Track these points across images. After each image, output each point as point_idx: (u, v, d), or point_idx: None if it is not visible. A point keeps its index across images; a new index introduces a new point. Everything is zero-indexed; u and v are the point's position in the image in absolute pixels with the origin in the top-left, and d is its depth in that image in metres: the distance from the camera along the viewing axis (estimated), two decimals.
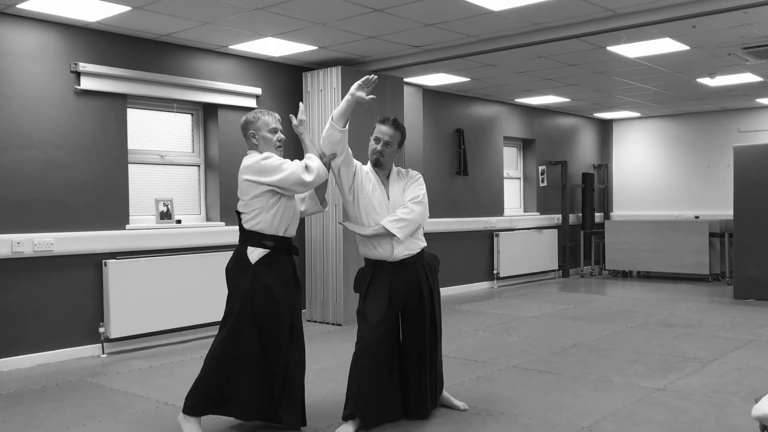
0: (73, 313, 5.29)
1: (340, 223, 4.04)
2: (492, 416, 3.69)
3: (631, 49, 6.44)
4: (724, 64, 7.14)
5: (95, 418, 3.77)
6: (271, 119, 3.58)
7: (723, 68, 7.39)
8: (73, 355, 5.29)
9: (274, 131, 3.59)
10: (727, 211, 9.63)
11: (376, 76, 3.66)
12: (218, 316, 3.55)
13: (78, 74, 5.32)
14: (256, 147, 3.53)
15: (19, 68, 5.04)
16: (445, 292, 8.58)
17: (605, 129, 11.77)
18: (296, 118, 3.67)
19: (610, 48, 6.37)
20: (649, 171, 11.41)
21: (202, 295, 5.90)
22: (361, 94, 3.55)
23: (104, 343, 5.40)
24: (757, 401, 2.50)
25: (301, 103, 3.85)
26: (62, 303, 5.24)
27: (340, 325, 6.49)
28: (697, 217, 10.21)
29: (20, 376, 4.77)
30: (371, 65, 6.81)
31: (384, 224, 3.53)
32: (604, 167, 11.65)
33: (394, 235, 3.51)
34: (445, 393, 3.86)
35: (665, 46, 6.29)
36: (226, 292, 3.45)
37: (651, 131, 11.41)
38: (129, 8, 4.91)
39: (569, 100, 9.49)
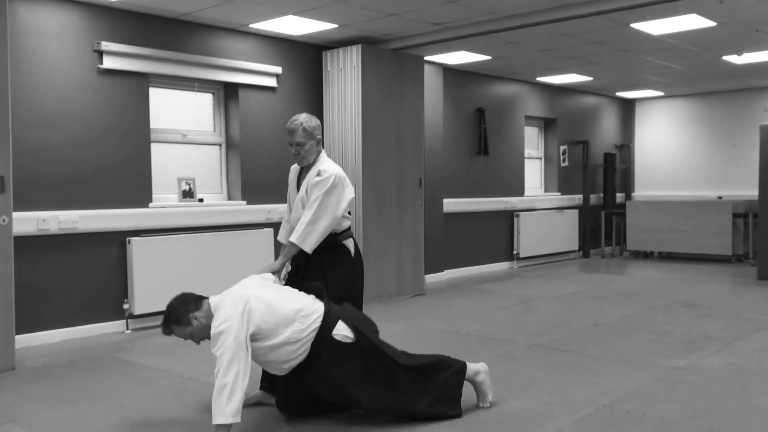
0: (97, 290, 5.38)
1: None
2: (512, 393, 3.71)
3: (655, 26, 6.34)
4: (751, 40, 7.02)
5: (120, 392, 3.84)
6: (287, 130, 3.71)
7: (750, 45, 7.26)
8: (98, 330, 5.38)
9: (289, 144, 3.70)
10: (751, 192, 9.52)
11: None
12: None
13: (101, 53, 5.35)
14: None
15: (43, 47, 5.08)
16: (465, 272, 8.60)
17: (628, 108, 11.63)
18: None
19: (634, 25, 6.28)
20: (672, 151, 11.28)
21: (224, 273, 5.95)
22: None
23: (128, 319, 5.48)
24: None
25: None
26: (87, 280, 5.32)
27: None
28: (720, 198, 10.10)
29: (47, 350, 4.86)
30: (392, 43, 6.78)
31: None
32: (626, 147, 11.53)
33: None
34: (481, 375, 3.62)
35: (691, 22, 6.18)
36: (248, 269, 3.46)
37: (674, 110, 11.26)
38: None
39: (592, 78, 9.38)
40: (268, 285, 3.32)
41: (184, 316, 3.12)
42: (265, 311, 3.06)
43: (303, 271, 3.64)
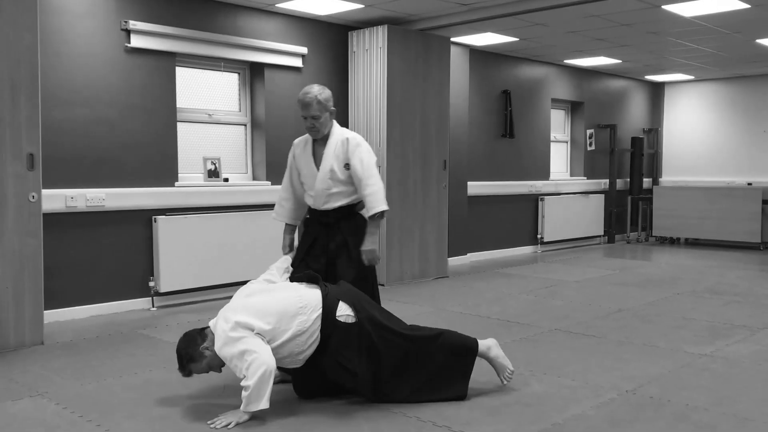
0: (124, 268, 5.44)
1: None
2: (535, 377, 3.70)
3: (687, 8, 6.21)
4: None
5: (146, 368, 3.90)
6: (301, 104, 3.68)
7: None
8: (125, 307, 5.45)
9: (303, 118, 3.69)
10: None
11: None
12: (262, 272, 3.60)
13: (128, 32, 5.38)
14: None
15: (71, 26, 5.11)
16: (488, 255, 8.58)
17: (656, 92, 11.45)
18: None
19: (666, 6, 6.16)
20: (701, 136, 11.10)
21: (248, 252, 5.99)
22: None
23: (154, 297, 5.55)
24: None
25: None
26: (114, 257, 5.39)
27: (382, 285, 6.54)
28: (750, 184, 9.93)
29: (75, 326, 4.95)
30: (418, 24, 6.73)
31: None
32: (654, 131, 11.37)
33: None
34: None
35: (724, 3, 6.05)
36: (271, 248, 3.49)
37: (704, 95, 11.06)
38: None
39: (620, 61, 9.24)
40: (261, 288, 3.34)
41: (195, 352, 3.18)
42: (263, 314, 3.10)
43: (324, 240, 3.71)
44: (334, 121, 3.78)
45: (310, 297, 3.22)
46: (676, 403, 3.30)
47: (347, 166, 3.65)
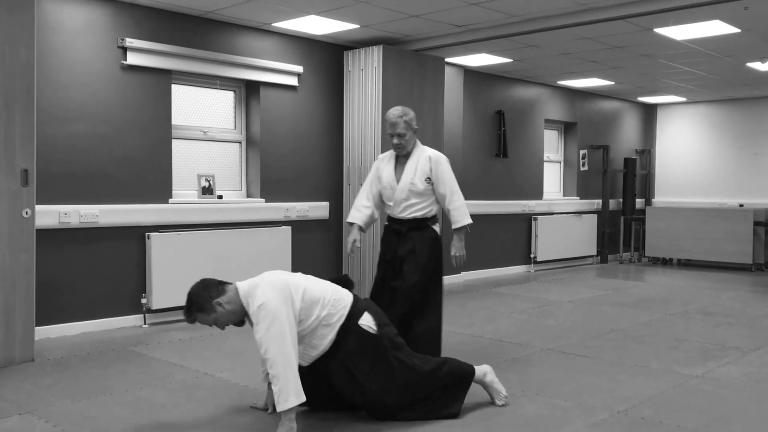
0: (116, 284, 5.43)
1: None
2: (527, 397, 3.70)
3: (679, 32, 6.29)
4: None
5: (137, 385, 3.88)
6: (387, 122, 4.07)
7: None
8: (116, 324, 5.43)
9: (390, 135, 4.06)
10: None
11: None
12: None
13: (125, 49, 5.41)
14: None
15: (68, 43, 5.14)
16: (481, 274, 8.58)
17: (649, 113, 11.54)
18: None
19: (658, 30, 6.24)
20: (693, 157, 11.18)
21: (242, 270, 5.98)
22: None
23: (146, 314, 5.53)
24: None
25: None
26: (106, 273, 5.37)
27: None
28: (741, 206, 9.99)
29: (66, 342, 4.92)
30: (413, 44, 6.78)
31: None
32: (646, 152, 11.45)
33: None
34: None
35: (715, 28, 6.13)
36: (265, 266, 3.50)
37: (696, 116, 11.16)
38: None
39: (613, 83, 9.33)
40: (297, 274, 3.36)
41: (207, 303, 3.12)
42: (300, 294, 3.11)
43: (395, 246, 4.10)
44: (417, 139, 4.16)
45: (343, 295, 3.28)
46: (668, 424, 3.30)
47: (428, 180, 4.04)
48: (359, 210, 4.22)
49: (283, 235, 6.36)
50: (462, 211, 4.04)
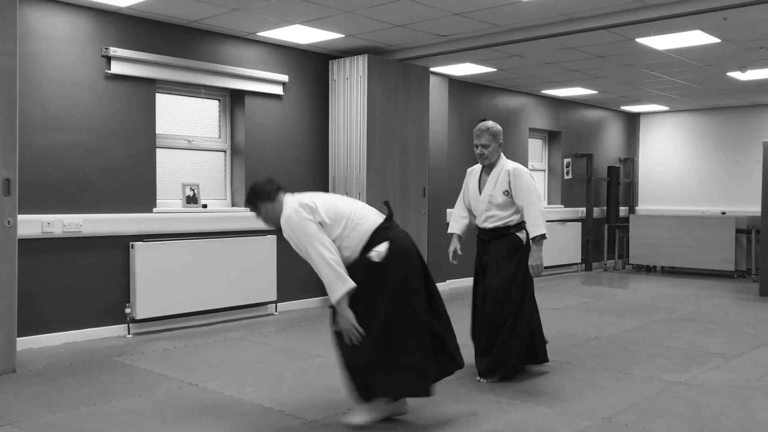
0: (100, 294, 5.39)
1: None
2: (511, 404, 3.71)
3: (660, 41, 6.37)
4: (755, 57, 7.04)
5: (121, 396, 3.85)
6: (475, 134, 4.29)
7: (754, 62, 7.29)
8: (100, 334, 5.39)
9: (475, 146, 4.32)
10: (754, 208, 9.53)
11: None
12: (242, 299, 3.61)
13: (109, 59, 5.39)
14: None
15: (52, 52, 5.12)
16: (467, 282, 8.59)
17: (632, 122, 11.65)
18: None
19: (640, 40, 6.31)
20: (676, 165, 11.29)
21: (226, 279, 5.97)
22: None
23: (130, 324, 5.50)
24: None
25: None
26: (90, 283, 5.34)
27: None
28: (723, 213, 10.09)
29: (49, 353, 4.88)
30: (398, 53, 6.82)
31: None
32: (630, 161, 11.55)
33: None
34: None
35: (696, 38, 6.21)
36: (249, 275, 3.51)
37: (679, 125, 11.28)
38: None
39: (596, 92, 9.41)
40: (334, 195, 3.63)
41: (271, 194, 3.41)
42: (325, 210, 3.32)
43: (481, 255, 4.36)
44: (502, 154, 4.37)
45: (369, 220, 3.38)
46: (651, 430, 3.32)
47: (507, 192, 4.20)
48: (456, 220, 4.55)
49: (269, 244, 6.34)
50: (536, 222, 4.12)
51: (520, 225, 4.27)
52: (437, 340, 3.33)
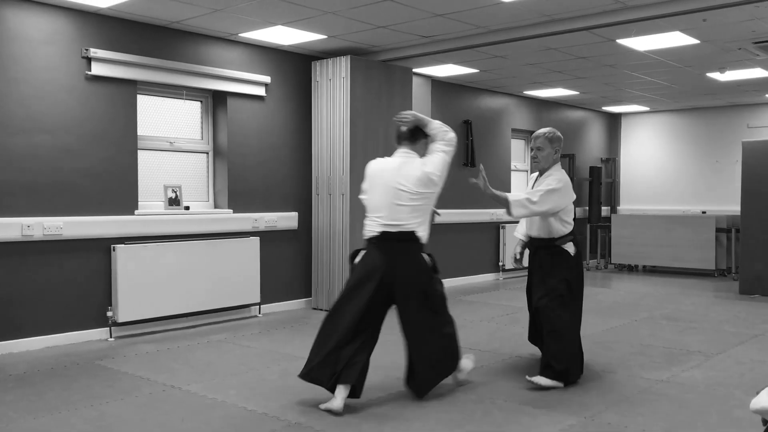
0: (81, 297, 5.35)
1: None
2: (495, 405, 3.72)
3: (640, 42, 6.42)
4: (734, 58, 7.12)
5: (103, 400, 3.82)
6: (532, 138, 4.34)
7: (733, 63, 7.37)
8: (82, 338, 5.34)
9: (530, 149, 4.42)
10: (734, 207, 9.64)
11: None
12: (225, 302, 3.59)
13: (89, 60, 5.35)
14: None
15: (31, 53, 5.07)
16: (450, 282, 8.62)
17: (614, 123, 11.74)
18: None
19: (620, 41, 6.36)
20: (657, 165, 11.40)
21: (209, 282, 5.94)
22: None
23: (112, 327, 5.46)
24: (757, 394, 2.51)
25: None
26: (71, 287, 5.29)
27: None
28: (704, 212, 10.20)
29: (29, 357, 4.83)
30: (380, 54, 6.82)
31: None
32: (611, 161, 11.64)
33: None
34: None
35: (675, 39, 6.27)
36: (233, 277, 3.50)
37: (659, 125, 11.39)
38: None
39: (578, 93, 9.48)
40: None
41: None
42: (368, 178, 4.10)
43: (531, 267, 4.42)
44: (559, 164, 4.30)
45: (371, 227, 3.95)
46: (633, 429, 3.35)
47: None
48: (521, 224, 4.61)
49: (252, 245, 6.32)
50: (521, 199, 4.10)
51: (565, 238, 4.24)
52: (341, 352, 3.64)
